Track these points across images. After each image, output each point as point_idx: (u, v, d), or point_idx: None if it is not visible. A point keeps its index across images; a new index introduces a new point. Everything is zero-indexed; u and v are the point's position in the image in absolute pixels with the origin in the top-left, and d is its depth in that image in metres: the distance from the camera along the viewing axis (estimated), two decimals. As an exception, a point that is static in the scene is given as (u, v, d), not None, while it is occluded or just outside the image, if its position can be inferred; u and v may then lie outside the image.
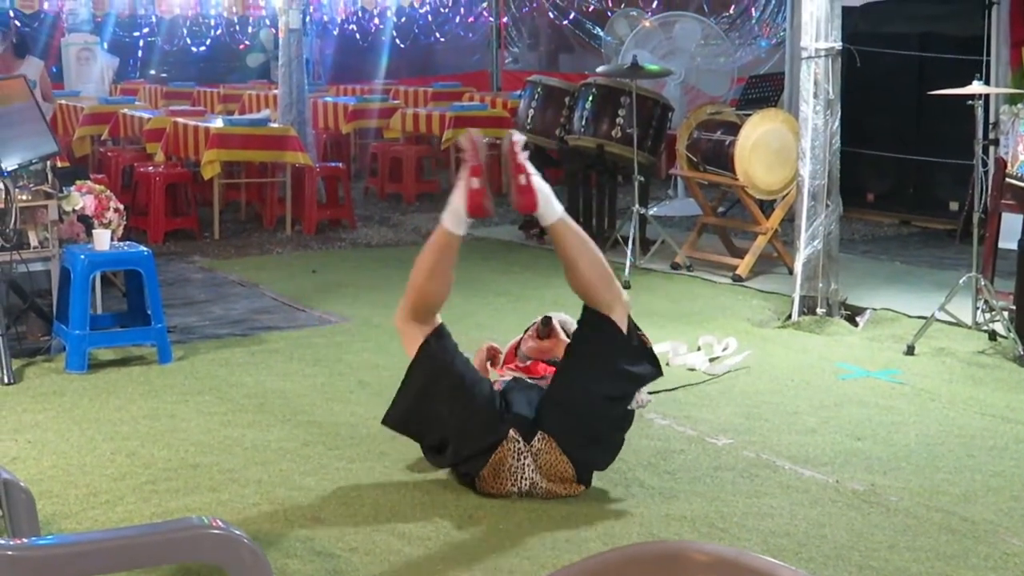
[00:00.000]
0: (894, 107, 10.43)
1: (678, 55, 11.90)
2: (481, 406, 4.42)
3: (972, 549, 4.00)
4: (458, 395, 4.42)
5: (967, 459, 4.85)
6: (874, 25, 10.43)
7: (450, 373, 4.46)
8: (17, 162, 6.27)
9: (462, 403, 4.41)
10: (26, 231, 6.45)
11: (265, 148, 10.43)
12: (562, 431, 4.40)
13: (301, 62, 11.34)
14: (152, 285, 6.30)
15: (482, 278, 8.24)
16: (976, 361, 6.22)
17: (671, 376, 5.97)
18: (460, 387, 4.43)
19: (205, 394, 5.76)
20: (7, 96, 6.61)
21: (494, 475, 4.40)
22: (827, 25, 6.90)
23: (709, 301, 7.75)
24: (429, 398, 4.47)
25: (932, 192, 10.36)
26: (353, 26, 18.34)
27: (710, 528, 4.19)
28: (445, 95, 15.42)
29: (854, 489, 4.52)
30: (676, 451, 4.94)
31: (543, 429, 4.40)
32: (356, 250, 9.79)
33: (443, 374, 4.46)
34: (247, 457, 4.87)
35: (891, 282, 8.12)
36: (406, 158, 12.35)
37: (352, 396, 5.72)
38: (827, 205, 7.04)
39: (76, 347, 6.11)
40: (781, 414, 5.44)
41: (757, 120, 8.33)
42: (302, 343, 6.70)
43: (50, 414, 5.45)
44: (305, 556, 3.93)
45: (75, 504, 4.38)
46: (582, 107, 9.27)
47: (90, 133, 12.98)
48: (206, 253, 9.55)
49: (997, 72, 9.28)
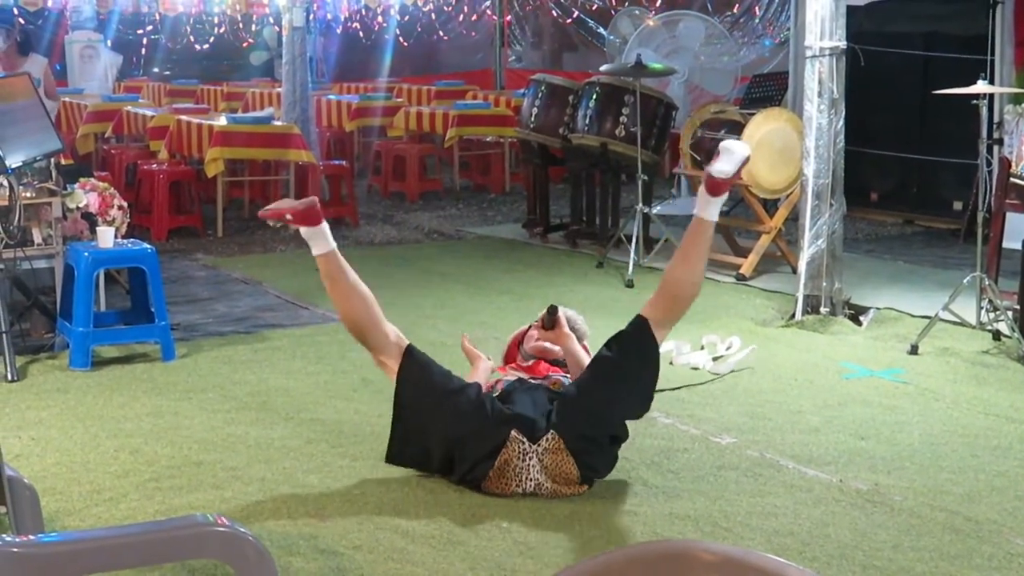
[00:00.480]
0: (898, 106, 10.42)
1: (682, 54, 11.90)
2: (470, 415, 4.40)
3: (976, 549, 4.00)
4: (445, 408, 4.43)
5: (971, 459, 4.85)
6: (878, 24, 10.42)
7: (431, 390, 4.46)
8: (21, 159, 6.27)
9: (451, 414, 4.41)
10: (30, 228, 6.46)
11: (268, 146, 10.44)
12: (575, 434, 4.39)
13: (305, 60, 11.35)
14: (156, 282, 6.30)
15: (485, 276, 8.24)
16: (980, 361, 6.21)
17: (675, 375, 5.97)
18: (444, 400, 4.44)
19: (208, 391, 5.76)
20: (11, 93, 6.61)
21: (499, 476, 4.40)
22: (831, 24, 6.89)
23: (712, 300, 7.74)
24: (419, 420, 4.48)
25: (936, 191, 10.36)
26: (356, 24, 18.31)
27: (714, 527, 4.18)
28: (448, 93, 15.43)
29: (858, 488, 4.51)
30: (680, 450, 4.93)
31: (555, 428, 4.39)
32: (359, 248, 9.78)
33: (424, 393, 4.46)
34: (250, 455, 4.87)
35: (895, 281, 8.12)
36: (409, 156, 12.35)
37: (355, 394, 5.72)
38: (831, 204, 7.04)
39: (80, 344, 6.12)
40: (785, 413, 5.44)
41: (761, 119, 8.33)
42: (305, 341, 6.69)
43: (54, 411, 5.45)
44: (308, 554, 3.93)
45: (79, 501, 4.38)
46: (586, 106, 9.26)
47: (94, 131, 12.99)
48: (209, 251, 9.55)
49: (1001, 71, 9.27)
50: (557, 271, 8.66)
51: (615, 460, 4.56)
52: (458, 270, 8.61)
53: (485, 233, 10.08)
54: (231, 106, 15.46)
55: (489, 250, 9.40)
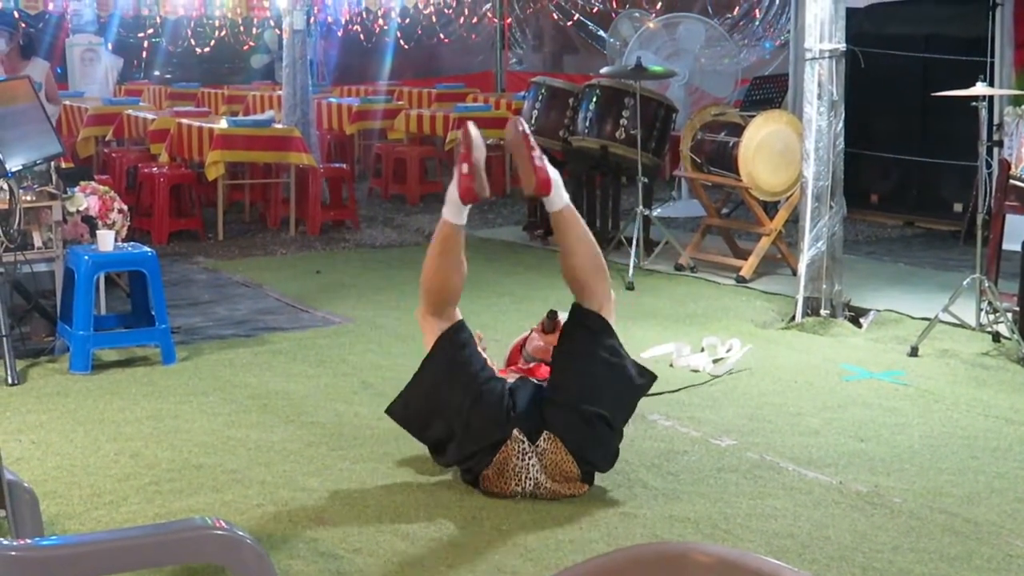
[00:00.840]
0: (898, 108, 10.43)
1: (682, 56, 11.90)
2: (491, 404, 4.43)
3: (976, 551, 4.00)
4: (470, 392, 4.44)
5: (971, 461, 4.85)
6: (878, 26, 10.42)
7: (464, 370, 4.48)
8: (21, 163, 6.28)
9: (472, 400, 4.43)
10: (30, 232, 6.46)
11: (269, 149, 10.45)
12: (567, 431, 4.41)
13: (305, 63, 11.36)
14: (156, 286, 6.30)
15: (486, 279, 8.23)
16: (980, 363, 6.21)
17: (675, 377, 5.98)
18: (472, 384, 4.45)
19: (209, 395, 5.76)
20: (11, 97, 6.61)
21: (498, 475, 4.41)
22: (831, 26, 6.90)
23: (713, 302, 7.75)
24: (440, 393, 4.50)
25: (936, 193, 10.36)
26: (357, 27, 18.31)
27: (713, 529, 4.18)
28: (449, 96, 15.43)
29: (857, 490, 4.52)
30: (680, 452, 4.94)
31: (548, 429, 4.42)
32: (360, 251, 9.80)
33: (457, 370, 4.48)
34: (250, 458, 4.88)
35: (895, 283, 8.12)
36: (410, 159, 12.35)
37: (355, 397, 5.72)
38: (831, 206, 7.04)
39: (80, 348, 6.12)
40: (784, 415, 5.44)
41: (761, 121, 8.33)
42: (306, 344, 6.70)
43: (54, 415, 5.46)
44: (309, 557, 3.93)
45: (79, 505, 4.39)
46: (586, 108, 9.26)
47: (94, 134, 12.98)
48: (210, 254, 9.56)
49: (1001, 73, 9.28)
50: (557, 274, 8.59)
51: (615, 454, 4.55)
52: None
53: (486, 235, 10.08)
54: (232, 109, 15.46)
55: (490, 252, 9.40)
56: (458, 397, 4.45)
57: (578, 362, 4.50)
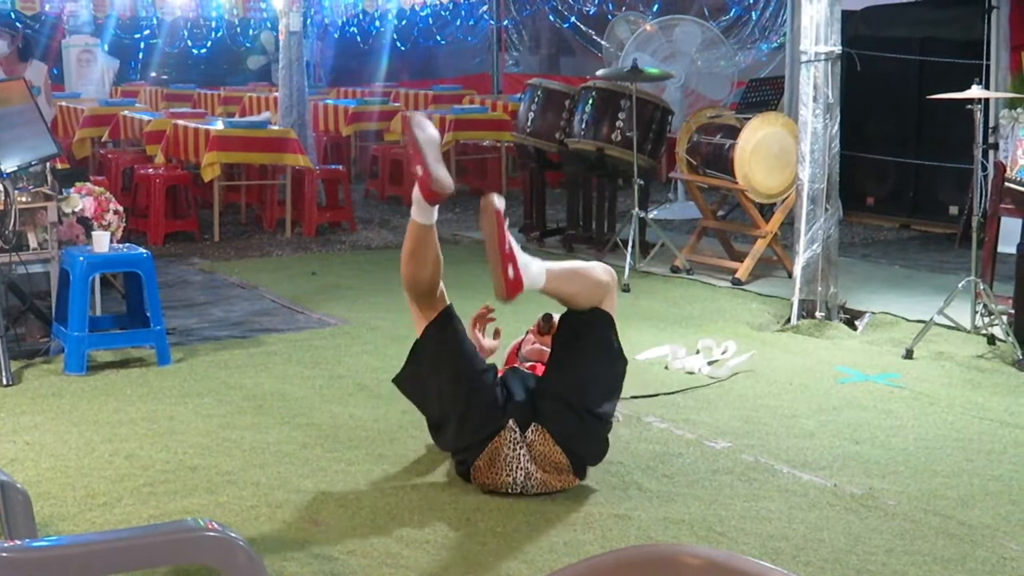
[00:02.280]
0: (894, 111, 10.44)
1: (678, 58, 11.90)
2: (482, 396, 4.44)
3: (970, 553, 4.00)
4: (461, 381, 4.45)
5: (965, 463, 4.85)
6: (874, 29, 10.44)
7: (454, 359, 4.49)
8: (17, 164, 6.28)
9: (465, 389, 4.44)
10: (25, 233, 6.46)
11: (265, 150, 10.45)
12: (556, 422, 4.44)
13: (302, 64, 11.35)
14: (151, 287, 6.30)
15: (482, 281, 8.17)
16: (975, 365, 6.22)
17: (670, 379, 5.98)
18: (463, 373, 4.46)
19: (204, 396, 5.76)
20: (7, 98, 6.61)
21: (489, 464, 4.43)
22: (827, 29, 6.90)
23: (708, 304, 7.75)
24: (432, 378, 4.52)
25: (932, 196, 10.37)
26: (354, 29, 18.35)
27: (708, 531, 4.18)
28: (446, 98, 15.43)
29: (852, 493, 4.52)
30: (674, 454, 4.94)
31: (537, 420, 4.44)
32: (356, 252, 9.80)
33: (447, 359, 4.49)
34: (245, 459, 4.87)
35: (890, 286, 8.12)
36: (406, 161, 12.33)
37: (351, 398, 5.72)
38: (826, 209, 7.05)
39: (75, 349, 6.12)
40: (780, 418, 5.44)
41: (757, 124, 8.34)
42: (301, 345, 6.70)
43: (48, 416, 5.45)
44: (303, 559, 3.93)
45: (73, 506, 4.38)
46: (582, 110, 9.27)
47: (90, 135, 12.98)
48: (206, 255, 9.56)
49: (997, 76, 9.28)
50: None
51: (604, 447, 4.56)
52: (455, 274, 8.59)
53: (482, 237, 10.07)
54: (228, 110, 15.46)
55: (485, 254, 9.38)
56: (451, 386, 4.47)
57: (572, 354, 4.52)
